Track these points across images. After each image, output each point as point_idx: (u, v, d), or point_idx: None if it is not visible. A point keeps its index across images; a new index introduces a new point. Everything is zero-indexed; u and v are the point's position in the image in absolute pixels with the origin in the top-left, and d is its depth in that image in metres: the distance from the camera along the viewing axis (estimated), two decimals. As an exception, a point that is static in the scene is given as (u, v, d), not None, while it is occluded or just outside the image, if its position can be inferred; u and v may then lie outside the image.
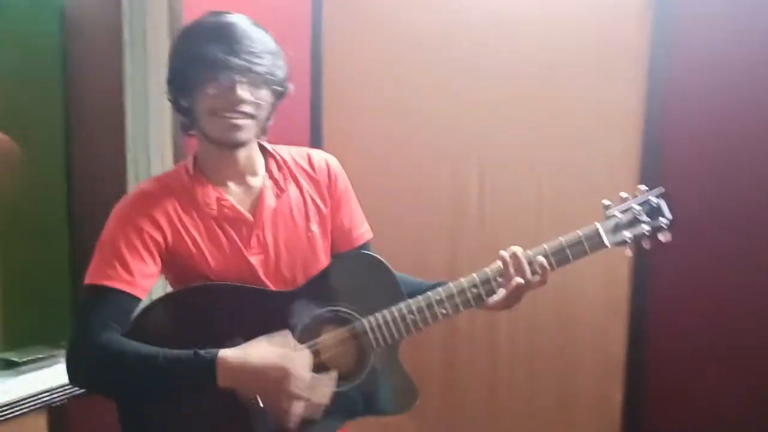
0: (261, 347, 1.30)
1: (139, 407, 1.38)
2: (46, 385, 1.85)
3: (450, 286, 1.45)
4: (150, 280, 1.37)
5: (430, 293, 1.44)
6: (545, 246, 1.43)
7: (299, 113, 2.57)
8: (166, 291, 1.48)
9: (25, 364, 1.94)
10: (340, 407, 1.42)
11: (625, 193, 1.47)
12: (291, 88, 1.46)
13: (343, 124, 2.60)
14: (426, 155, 2.49)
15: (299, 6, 2.56)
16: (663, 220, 1.44)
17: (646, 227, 1.44)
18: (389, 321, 1.43)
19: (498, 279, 1.44)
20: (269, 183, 1.46)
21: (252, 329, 1.33)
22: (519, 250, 1.43)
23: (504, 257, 1.43)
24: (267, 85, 1.38)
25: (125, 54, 2.06)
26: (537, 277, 1.42)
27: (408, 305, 1.44)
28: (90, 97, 2.12)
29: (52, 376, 1.90)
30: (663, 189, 1.47)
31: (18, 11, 2.01)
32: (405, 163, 2.53)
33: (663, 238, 1.44)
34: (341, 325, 1.44)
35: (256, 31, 1.38)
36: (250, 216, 1.43)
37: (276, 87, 1.41)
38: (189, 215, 1.40)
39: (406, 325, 1.44)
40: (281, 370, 1.28)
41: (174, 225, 1.39)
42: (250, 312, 1.34)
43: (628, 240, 1.44)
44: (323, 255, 1.51)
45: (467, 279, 1.45)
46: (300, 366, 1.30)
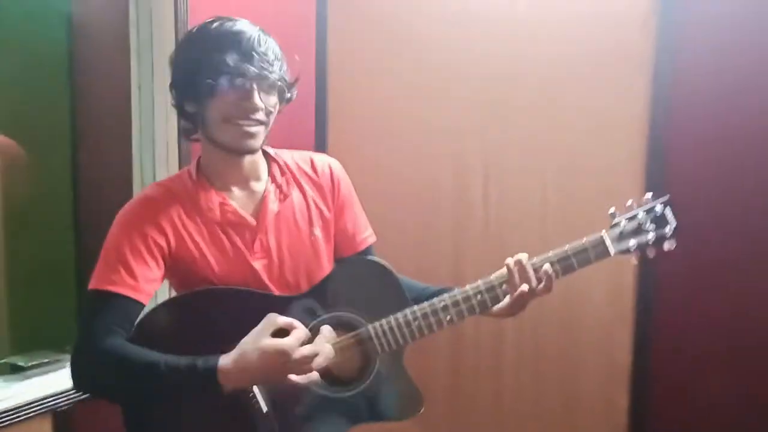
0: (253, 340, 1.29)
1: (144, 412, 1.38)
2: (51, 390, 1.85)
3: (455, 293, 1.44)
4: (154, 285, 1.37)
5: (435, 300, 1.44)
6: (550, 254, 1.43)
7: (304, 118, 2.57)
8: (170, 295, 1.48)
9: (31, 368, 1.93)
10: (344, 413, 1.42)
11: (631, 201, 1.46)
12: (295, 93, 1.47)
13: (348, 128, 2.60)
14: (430, 160, 2.49)
15: (304, 11, 2.57)
16: (668, 229, 1.43)
17: (650, 236, 1.43)
18: (394, 327, 1.43)
19: (503, 286, 1.43)
20: (272, 188, 1.46)
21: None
22: (524, 257, 1.42)
23: (509, 265, 1.42)
24: (276, 92, 1.39)
25: (132, 60, 2.07)
26: (542, 285, 1.42)
27: (413, 311, 1.44)
28: (97, 103, 2.12)
29: (57, 380, 1.90)
30: (668, 197, 1.45)
31: (25, 17, 2.01)
32: (409, 168, 2.52)
33: (667, 247, 1.43)
34: (346, 331, 1.44)
35: (265, 38, 1.38)
36: (253, 221, 1.43)
37: (284, 93, 1.42)
38: (192, 220, 1.40)
39: (411, 331, 1.43)
40: (281, 354, 1.27)
41: (177, 230, 1.39)
42: (253, 316, 1.34)
43: (632, 249, 1.43)
44: (326, 259, 1.51)
45: (472, 286, 1.44)
46: (295, 339, 1.29)
